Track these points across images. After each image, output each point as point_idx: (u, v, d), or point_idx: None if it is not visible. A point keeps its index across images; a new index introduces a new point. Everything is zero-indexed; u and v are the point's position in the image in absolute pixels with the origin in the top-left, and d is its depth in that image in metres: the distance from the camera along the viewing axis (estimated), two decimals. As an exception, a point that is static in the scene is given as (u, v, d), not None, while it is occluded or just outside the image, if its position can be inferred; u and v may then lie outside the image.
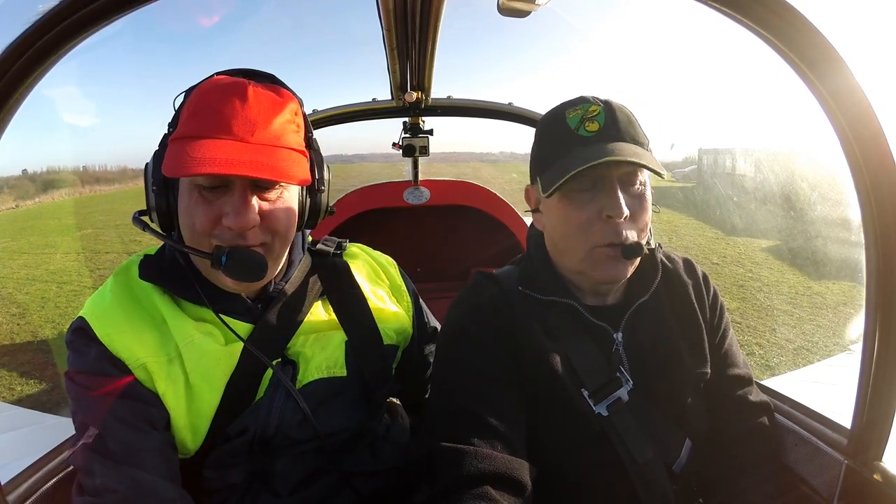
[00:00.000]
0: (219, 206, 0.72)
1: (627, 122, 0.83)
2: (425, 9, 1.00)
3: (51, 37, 0.54)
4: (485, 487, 0.69)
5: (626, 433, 0.82)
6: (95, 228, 13.48)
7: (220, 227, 0.73)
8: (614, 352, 0.87)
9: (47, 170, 34.97)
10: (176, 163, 0.69)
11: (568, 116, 0.84)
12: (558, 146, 0.84)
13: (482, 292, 0.91)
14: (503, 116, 1.87)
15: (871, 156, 0.68)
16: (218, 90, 0.74)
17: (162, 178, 0.75)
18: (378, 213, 2.46)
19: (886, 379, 0.74)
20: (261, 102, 0.74)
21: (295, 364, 0.83)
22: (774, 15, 0.65)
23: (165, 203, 0.76)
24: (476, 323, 0.86)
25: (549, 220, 0.88)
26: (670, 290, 0.93)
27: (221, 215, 0.72)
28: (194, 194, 0.73)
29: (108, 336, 0.74)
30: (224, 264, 0.71)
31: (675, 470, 0.85)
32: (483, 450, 0.73)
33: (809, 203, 10.00)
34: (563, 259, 0.88)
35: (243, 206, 0.72)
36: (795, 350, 4.58)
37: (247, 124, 0.72)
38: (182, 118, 0.75)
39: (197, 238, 0.74)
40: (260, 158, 0.70)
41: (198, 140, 0.70)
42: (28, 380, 4.30)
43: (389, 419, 0.99)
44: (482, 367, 0.82)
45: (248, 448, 0.79)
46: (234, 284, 0.77)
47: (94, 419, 0.71)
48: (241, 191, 0.73)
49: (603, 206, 0.80)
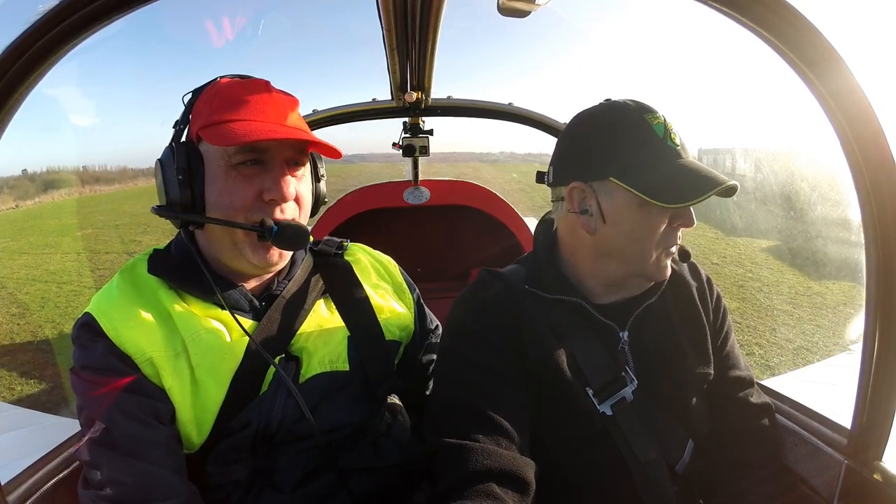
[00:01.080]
0: (258, 182, 0.77)
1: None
2: (425, 9, 1.00)
3: (51, 37, 0.54)
4: (490, 484, 0.69)
5: (629, 433, 0.82)
6: (95, 228, 13.48)
7: (260, 202, 0.78)
8: (619, 350, 0.87)
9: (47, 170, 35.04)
10: (228, 135, 0.73)
11: (652, 123, 0.80)
12: (645, 152, 0.80)
13: (488, 289, 0.91)
14: (503, 116, 1.87)
15: (871, 156, 0.68)
16: (241, 84, 0.80)
17: (186, 167, 0.77)
18: (378, 213, 2.46)
19: (886, 379, 0.74)
20: (282, 96, 0.82)
21: (298, 359, 0.84)
22: (774, 15, 0.65)
23: (190, 191, 0.78)
24: (482, 319, 0.86)
25: (620, 224, 0.81)
26: (676, 291, 0.93)
27: (262, 190, 0.77)
28: (232, 174, 0.77)
29: (115, 331, 0.75)
30: (275, 234, 0.76)
31: (677, 470, 0.85)
32: (488, 446, 0.72)
33: (809, 203, 10.00)
34: (622, 263, 0.85)
35: (284, 179, 0.78)
36: (795, 350, 4.58)
37: (279, 111, 0.79)
38: (207, 110, 0.78)
39: (234, 215, 0.77)
40: (298, 133, 0.77)
41: (237, 122, 0.75)
42: (28, 380, 4.29)
43: (391, 417, 0.99)
44: (487, 363, 0.81)
45: (251, 443, 0.80)
46: (274, 259, 0.81)
47: (100, 413, 0.72)
48: (279, 166, 0.78)
49: (677, 217, 0.82)
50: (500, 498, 0.68)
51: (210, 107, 0.78)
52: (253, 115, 0.77)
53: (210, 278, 0.80)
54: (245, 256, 0.80)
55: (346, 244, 1.01)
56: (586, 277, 0.89)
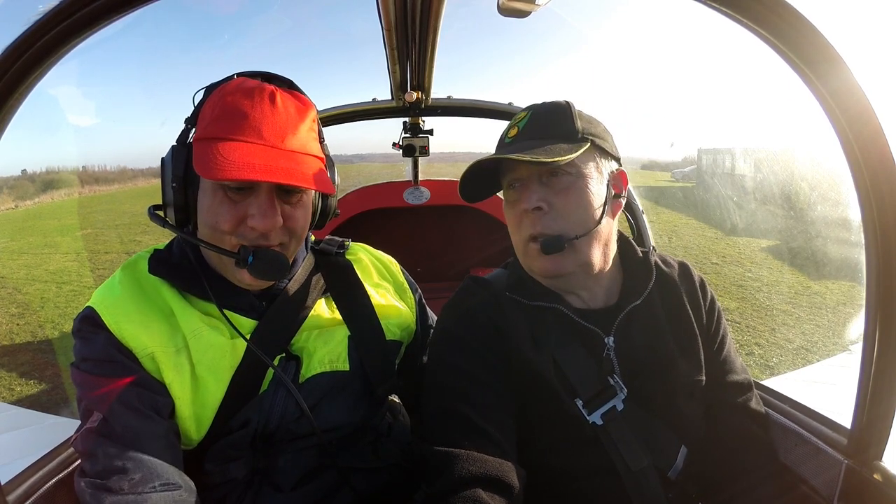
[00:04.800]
0: (244, 207, 0.75)
1: (547, 121, 0.86)
2: (425, 9, 1.00)
3: (51, 37, 0.54)
4: (476, 490, 0.70)
5: (620, 441, 0.81)
6: (95, 228, 13.48)
7: (244, 226, 0.75)
8: (605, 357, 0.85)
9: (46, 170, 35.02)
10: (210, 164, 0.70)
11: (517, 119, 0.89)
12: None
13: (472, 297, 0.91)
14: (503, 116, 1.87)
15: (871, 156, 0.68)
16: (246, 93, 0.75)
17: (182, 174, 0.76)
18: (378, 212, 2.46)
19: (886, 379, 0.74)
20: (287, 109, 0.77)
21: (298, 359, 0.84)
22: (774, 15, 0.65)
23: (184, 199, 0.77)
24: (465, 327, 0.87)
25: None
26: (664, 294, 0.92)
27: (245, 216, 0.75)
28: (219, 194, 0.75)
29: (117, 324, 0.75)
30: (250, 263, 0.74)
31: (670, 476, 0.84)
32: (473, 453, 0.73)
33: (809, 203, 10.00)
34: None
35: (270, 208, 0.75)
36: (795, 350, 4.58)
37: (277, 131, 0.75)
38: (209, 118, 0.76)
39: (218, 236, 0.76)
40: (291, 165, 0.73)
41: (230, 142, 0.72)
42: (28, 380, 4.29)
43: (391, 417, 0.99)
44: (472, 370, 0.82)
45: (250, 442, 0.80)
46: (252, 281, 0.78)
47: (99, 405, 0.72)
48: (267, 194, 0.75)
49: (519, 201, 0.85)
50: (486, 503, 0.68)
51: (211, 115, 0.76)
52: (247, 135, 0.73)
53: (207, 283, 0.80)
54: (231, 273, 0.80)
55: (348, 243, 1.01)
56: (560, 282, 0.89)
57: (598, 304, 0.90)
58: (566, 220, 0.83)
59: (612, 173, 0.89)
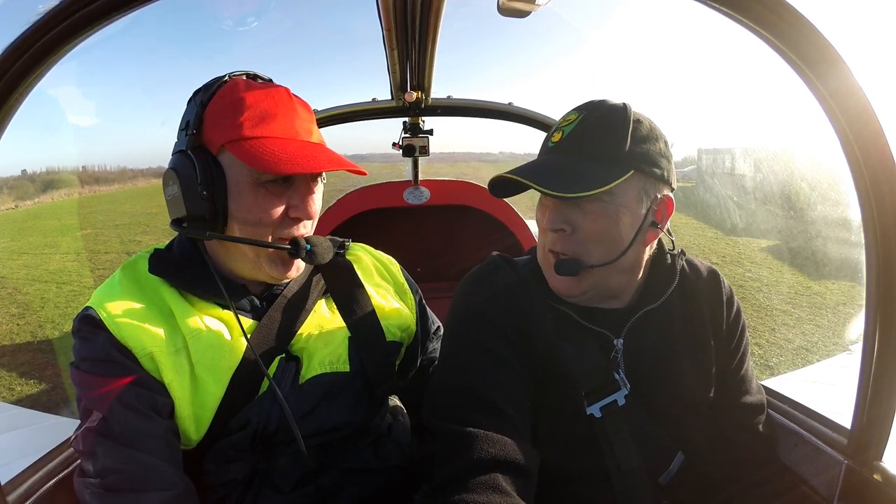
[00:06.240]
0: (286, 198, 0.79)
1: (594, 134, 0.79)
2: (425, 9, 1.00)
3: (51, 37, 0.54)
4: (494, 475, 0.67)
5: (615, 438, 0.80)
6: (95, 228, 13.48)
7: (285, 219, 0.79)
8: (612, 357, 0.85)
9: (47, 170, 35.03)
10: (275, 160, 0.73)
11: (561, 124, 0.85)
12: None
13: (500, 276, 0.89)
14: (503, 116, 1.87)
15: (871, 156, 0.68)
16: (265, 95, 0.78)
17: (210, 180, 0.75)
18: (378, 212, 2.45)
19: (886, 379, 0.74)
20: (302, 107, 0.82)
21: (298, 360, 0.84)
22: (774, 15, 0.65)
23: (214, 205, 0.76)
24: (492, 304, 0.84)
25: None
26: (685, 300, 0.89)
27: (289, 207, 0.79)
28: (260, 191, 0.77)
29: (116, 324, 0.75)
30: (309, 251, 0.80)
31: (660, 482, 0.83)
32: (492, 434, 0.70)
33: (809, 203, 10.01)
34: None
35: (311, 197, 0.81)
36: (795, 350, 4.58)
37: (305, 125, 0.80)
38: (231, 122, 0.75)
39: (262, 231, 0.78)
40: (328, 155, 0.79)
41: (271, 140, 0.76)
42: (28, 380, 4.29)
43: (391, 418, 0.99)
44: (498, 351, 0.80)
45: (250, 442, 0.80)
46: (287, 274, 0.82)
47: (99, 404, 0.72)
48: (306, 183, 0.80)
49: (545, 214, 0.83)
50: (504, 489, 0.66)
51: (235, 118, 0.75)
52: (284, 132, 0.77)
53: (207, 283, 0.80)
54: (264, 270, 0.80)
55: (348, 243, 1.00)
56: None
57: (613, 305, 0.88)
58: (587, 247, 0.79)
59: (656, 199, 0.81)
